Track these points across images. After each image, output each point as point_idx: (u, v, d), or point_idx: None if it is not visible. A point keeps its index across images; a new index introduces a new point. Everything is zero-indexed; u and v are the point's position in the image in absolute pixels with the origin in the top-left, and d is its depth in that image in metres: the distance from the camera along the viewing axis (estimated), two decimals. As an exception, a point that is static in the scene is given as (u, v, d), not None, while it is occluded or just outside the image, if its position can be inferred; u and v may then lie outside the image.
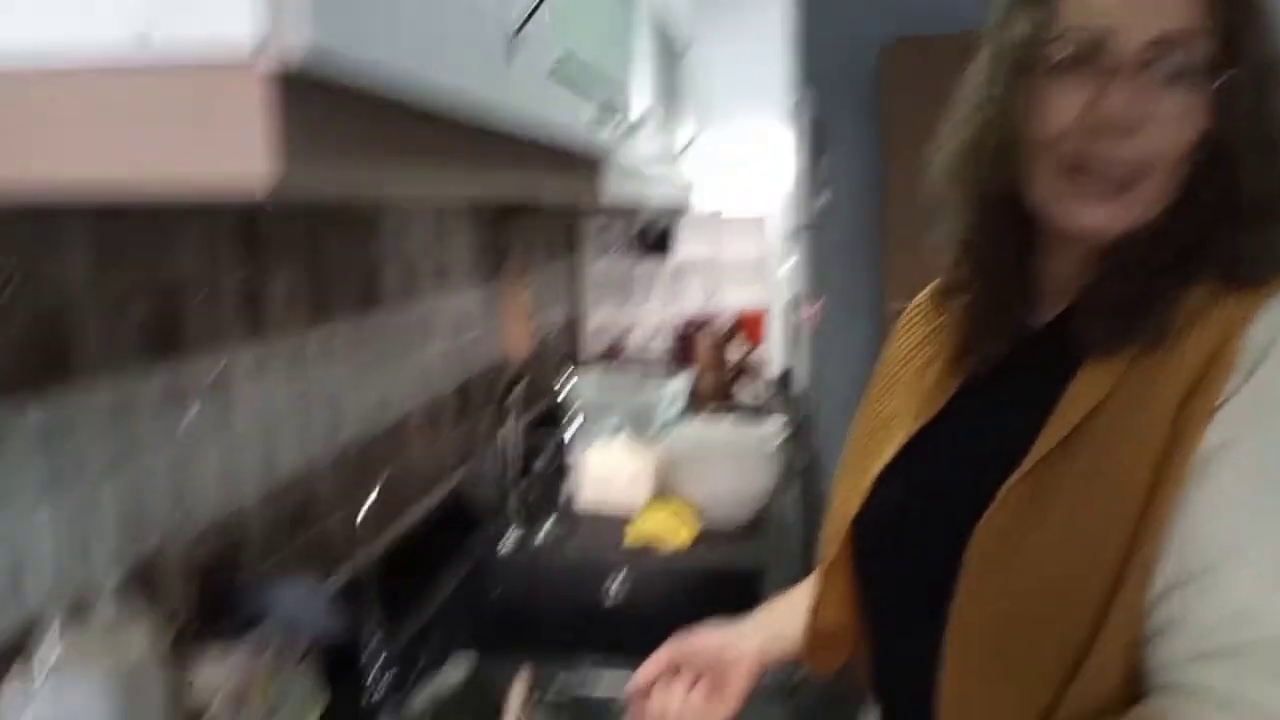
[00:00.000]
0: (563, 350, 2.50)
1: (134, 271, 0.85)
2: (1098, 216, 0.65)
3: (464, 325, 1.72)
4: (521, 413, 1.55)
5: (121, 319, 0.84)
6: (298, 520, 1.14)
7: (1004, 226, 0.72)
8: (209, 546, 0.96)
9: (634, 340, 2.74)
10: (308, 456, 1.16)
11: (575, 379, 1.69)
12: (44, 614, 0.63)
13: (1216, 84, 0.63)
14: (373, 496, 1.11)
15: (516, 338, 2.00)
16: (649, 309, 2.73)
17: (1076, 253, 0.70)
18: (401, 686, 1.06)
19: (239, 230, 1.02)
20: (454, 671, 1.08)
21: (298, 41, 0.43)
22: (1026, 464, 0.66)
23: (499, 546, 1.52)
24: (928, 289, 0.86)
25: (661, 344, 2.60)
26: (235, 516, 1.01)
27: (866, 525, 0.79)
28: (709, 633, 0.89)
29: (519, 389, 1.48)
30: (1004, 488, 0.66)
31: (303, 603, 0.90)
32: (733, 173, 2.61)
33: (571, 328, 2.73)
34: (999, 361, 0.75)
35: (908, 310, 0.88)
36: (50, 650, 0.63)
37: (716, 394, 2.38)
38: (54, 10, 0.43)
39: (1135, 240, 0.66)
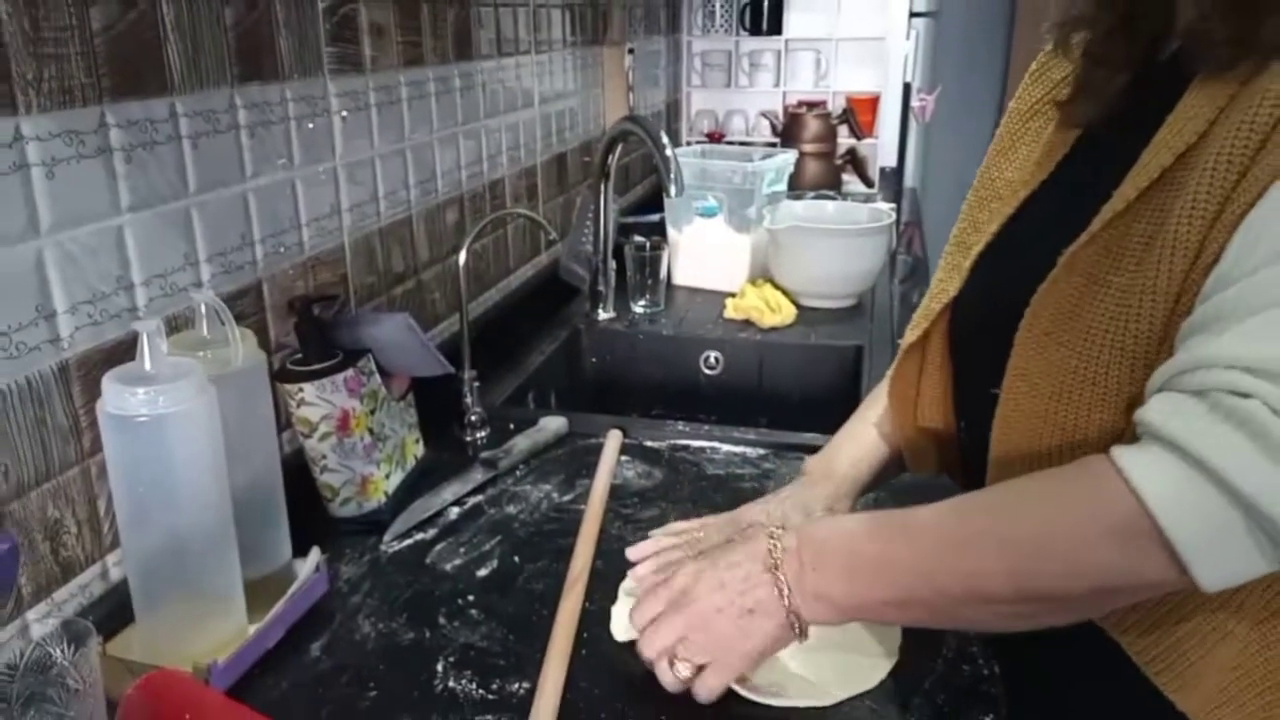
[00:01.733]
0: (666, 125, 2.38)
1: (219, -27, 0.79)
2: None
3: (562, 91, 1.63)
4: (618, 183, 1.48)
5: (215, 36, 0.78)
6: (394, 269, 1.11)
7: None
8: (306, 282, 0.94)
9: (737, 125, 2.60)
10: (402, 204, 1.12)
11: (675, 152, 1.60)
12: (142, 326, 0.61)
13: None
14: (468, 242, 1.07)
15: (616, 106, 1.90)
16: (755, 91, 2.57)
17: None
18: (501, 436, 1.06)
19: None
20: (552, 423, 1.07)
21: None
22: (1094, 226, 0.58)
23: (596, 318, 1.49)
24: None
25: (767, 129, 2.46)
26: (333, 255, 0.99)
27: (964, 307, 0.73)
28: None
29: (615, 154, 1.40)
30: (1063, 256, 0.59)
31: (402, 338, 0.88)
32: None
33: (673, 110, 2.59)
34: (1118, 107, 0.64)
35: (1039, 58, 0.76)
36: (151, 350, 0.61)
37: (824, 180, 2.26)
38: None
39: None
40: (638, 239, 1.53)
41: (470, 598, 0.79)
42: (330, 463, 0.87)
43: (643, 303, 1.52)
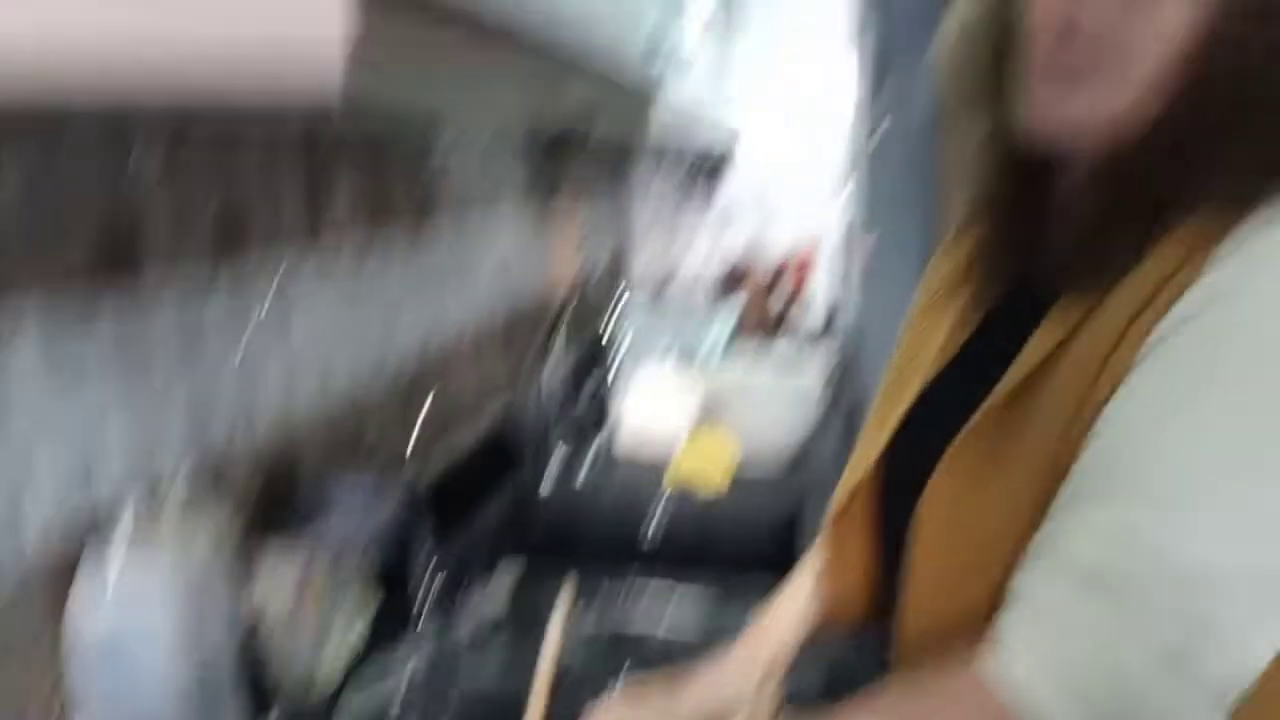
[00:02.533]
0: (611, 283, 2.50)
1: (201, 179, 0.87)
2: (1066, 107, 0.59)
3: (513, 253, 1.73)
4: (567, 339, 1.56)
5: (189, 224, 0.85)
6: (354, 432, 1.17)
7: (1004, 139, 0.66)
8: (270, 449, 0.99)
9: (682, 274, 2.73)
10: (362, 370, 1.18)
11: (621, 308, 1.69)
12: (115, 504, 0.66)
13: None
14: (424, 408, 1.13)
15: (564, 268, 2.01)
16: (698, 242, 2.71)
17: (1079, 173, 0.63)
18: (453, 591, 1.10)
19: (301, 144, 1.03)
20: (500, 584, 1.11)
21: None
22: (971, 422, 0.62)
23: (543, 473, 1.54)
24: None
25: (710, 278, 2.59)
26: (294, 422, 1.04)
27: (881, 483, 0.75)
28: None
29: (565, 315, 1.49)
30: (949, 449, 0.63)
31: (359, 501, 0.93)
32: (789, 105, 2.57)
33: (620, 260, 2.72)
34: (1015, 297, 0.68)
35: (950, 231, 0.80)
36: (123, 537, 0.66)
37: (764, 328, 2.37)
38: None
39: (1122, 155, 0.59)
40: (587, 390, 1.61)
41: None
42: (281, 629, 0.91)
43: (589, 457, 1.58)
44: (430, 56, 0.54)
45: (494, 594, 1.10)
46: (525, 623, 1.07)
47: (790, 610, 0.88)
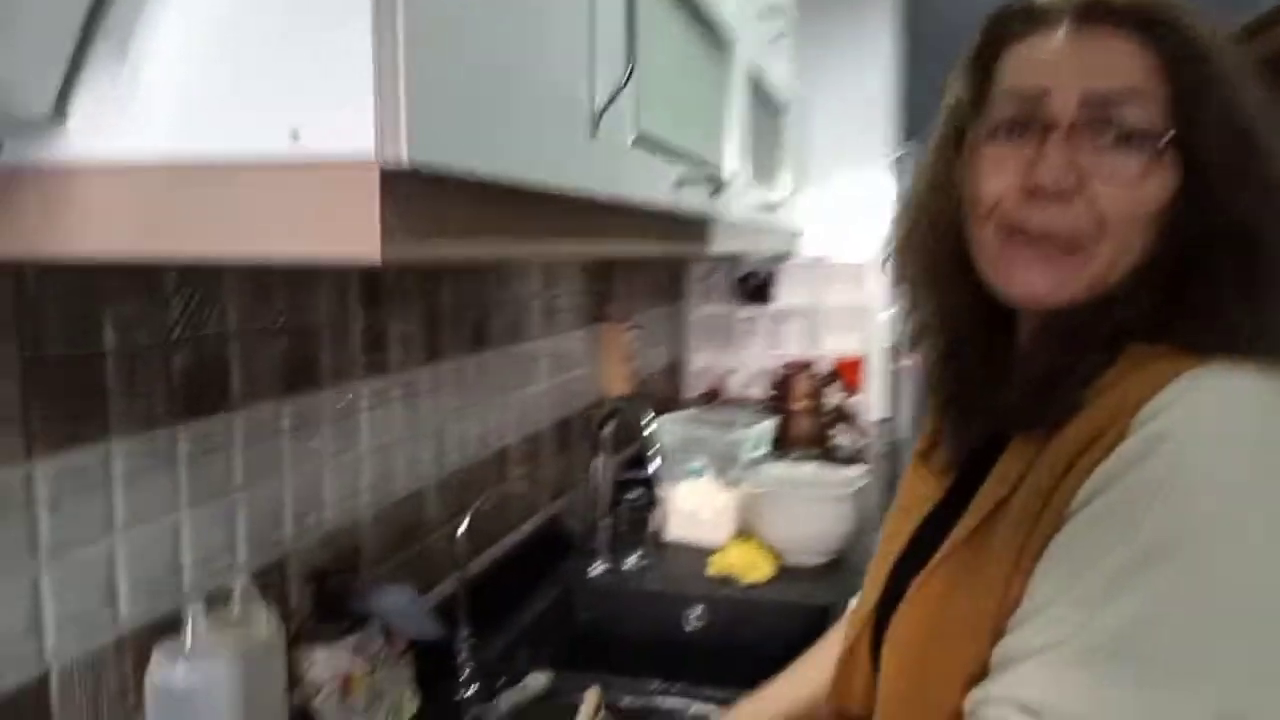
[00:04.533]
0: (664, 391, 2.61)
1: (277, 317, 1.00)
2: (1037, 284, 0.63)
3: (566, 365, 1.85)
4: (613, 448, 1.66)
5: (265, 359, 0.98)
6: (406, 536, 1.27)
7: (962, 305, 0.70)
8: (327, 554, 1.10)
9: (734, 383, 2.82)
10: (417, 479, 1.29)
11: (661, 420, 1.79)
12: (188, 603, 0.76)
13: (1160, 144, 0.60)
14: (468, 517, 1.23)
15: (616, 378, 2.12)
16: (750, 353, 2.81)
17: (1033, 327, 0.68)
18: (489, 693, 1.17)
19: (364, 283, 1.16)
20: (536, 681, 1.18)
21: (404, 148, 0.54)
22: (933, 561, 0.66)
23: (588, 573, 1.62)
24: None
25: (761, 387, 2.67)
26: (352, 529, 1.15)
27: (881, 619, 0.76)
28: None
29: (610, 426, 1.59)
30: (915, 581, 0.67)
31: (403, 606, 1.02)
32: (835, 222, 2.68)
33: (674, 370, 2.83)
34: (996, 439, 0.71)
35: None
36: (194, 630, 0.76)
37: (812, 439, 2.43)
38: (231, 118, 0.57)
39: (1078, 308, 0.63)
40: (631, 495, 1.69)
41: None
42: (332, 720, 0.99)
43: (634, 557, 1.66)
44: (464, 221, 0.65)
45: (531, 688, 1.17)
46: (558, 717, 1.13)
47: (790, 688, 0.93)
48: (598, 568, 1.62)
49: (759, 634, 1.51)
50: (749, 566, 1.56)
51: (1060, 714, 0.54)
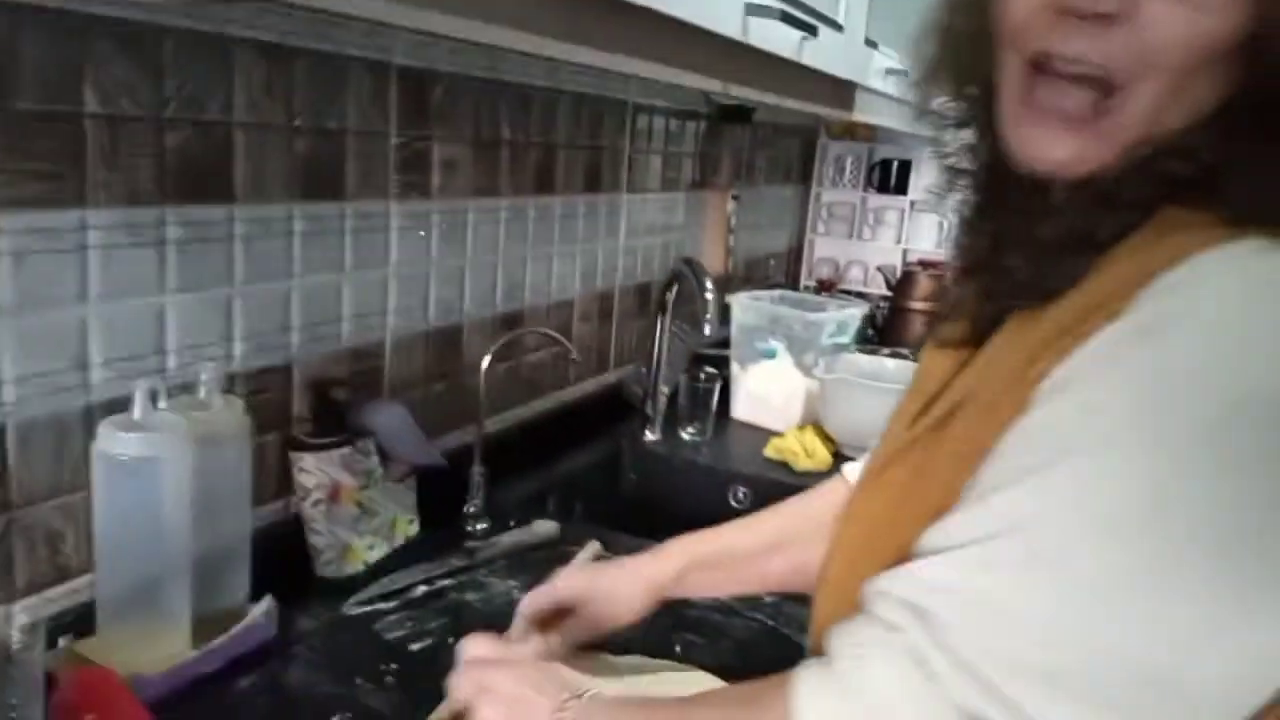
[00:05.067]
0: (772, 275, 2.48)
1: (295, 115, 0.97)
2: (1056, 151, 0.52)
3: (654, 227, 1.77)
4: (677, 318, 1.58)
5: (276, 157, 0.96)
6: (439, 367, 1.25)
7: (994, 155, 0.58)
8: (341, 368, 1.09)
9: (854, 275, 2.66)
10: (452, 313, 1.26)
11: (738, 297, 1.69)
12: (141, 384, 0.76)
13: None
14: (490, 355, 1.19)
15: (712, 249, 2.02)
16: (877, 245, 2.63)
17: (1067, 184, 0.55)
18: (495, 531, 1.16)
19: (407, 92, 1.11)
20: (543, 527, 1.16)
21: None
22: (895, 447, 0.60)
23: (642, 438, 1.57)
24: None
25: (882, 281, 2.51)
26: (374, 349, 1.13)
27: None
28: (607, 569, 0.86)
29: (674, 292, 1.51)
30: (864, 472, 0.62)
31: (394, 426, 1.01)
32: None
33: (795, 254, 2.69)
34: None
35: None
36: (142, 405, 0.76)
37: (923, 341, 2.27)
38: None
39: (1114, 171, 0.52)
40: (706, 370, 1.62)
41: (394, 665, 0.87)
42: (318, 526, 1.00)
43: (690, 430, 1.60)
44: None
45: (535, 532, 1.14)
46: (552, 567, 1.10)
47: (727, 542, 0.87)
48: (652, 435, 1.58)
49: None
50: (805, 453, 1.47)
51: (942, 620, 0.48)
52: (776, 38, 1.12)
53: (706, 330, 1.34)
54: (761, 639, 0.99)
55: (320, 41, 0.97)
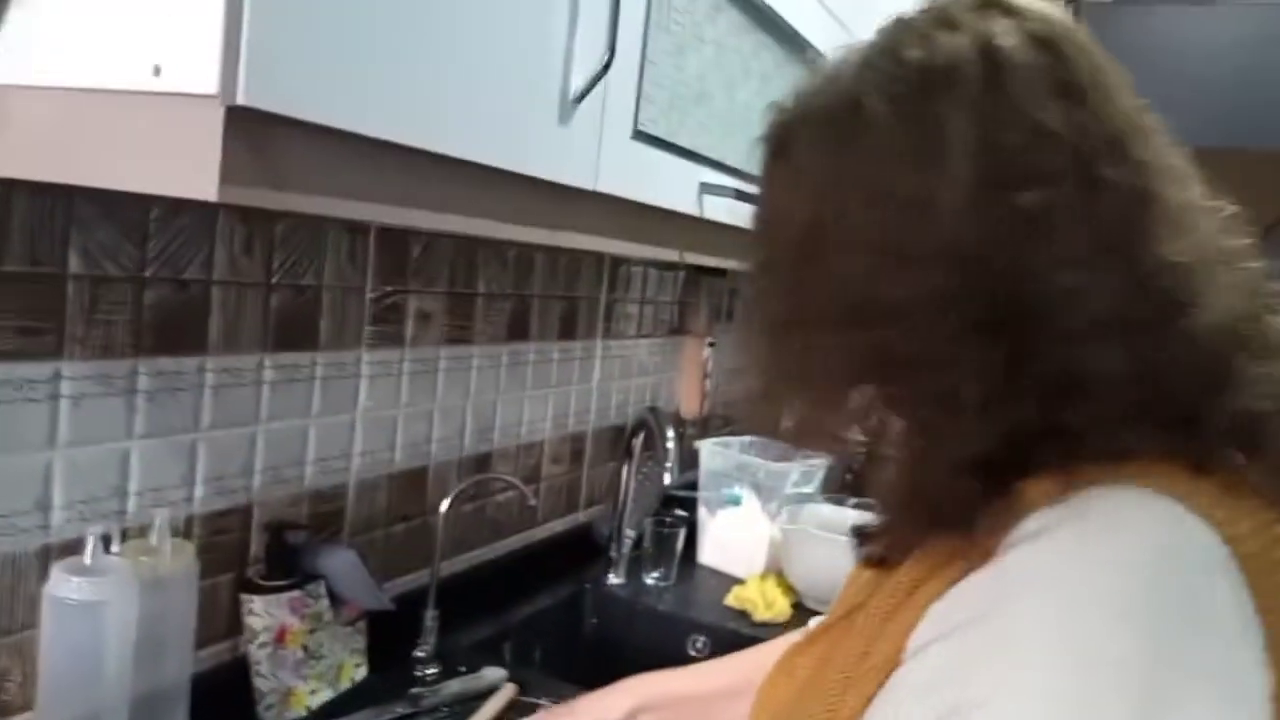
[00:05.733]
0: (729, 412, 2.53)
1: (273, 272, 1.04)
2: None
3: (632, 371, 1.83)
4: (644, 462, 1.62)
5: (252, 311, 1.02)
6: (402, 510, 1.28)
7: None
8: (299, 511, 1.12)
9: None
10: (424, 455, 1.30)
11: (704, 443, 1.74)
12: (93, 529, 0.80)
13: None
14: (451, 496, 1.22)
15: (689, 394, 2.07)
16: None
17: None
18: (444, 678, 1.16)
19: (385, 249, 1.18)
20: (493, 674, 1.16)
21: (241, 88, 0.55)
22: (800, 641, 0.64)
23: (604, 582, 1.59)
24: None
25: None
26: (338, 490, 1.17)
27: None
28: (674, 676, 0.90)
29: (640, 437, 1.55)
30: (782, 659, 0.64)
31: (344, 570, 1.03)
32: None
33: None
34: None
35: None
36: (93, 549, 0.79)
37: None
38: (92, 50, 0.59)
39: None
40: (672, 515, 1.65)
41: (324, 818, 0.88)
42: (263, 669, 1.01)
43: (654, 575, 1.61)
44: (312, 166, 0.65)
45: (481, 679, 1.15)
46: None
47: (680, 685, 0.88)
48: (616, 579, 1.59)
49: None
50: (764, 604, 1.48)
51: None
52: (736, 209, 1.20)
53: (666, 479, 1.38)
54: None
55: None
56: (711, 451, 1.74)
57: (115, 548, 0.83)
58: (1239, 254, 0.52)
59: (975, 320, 0.49)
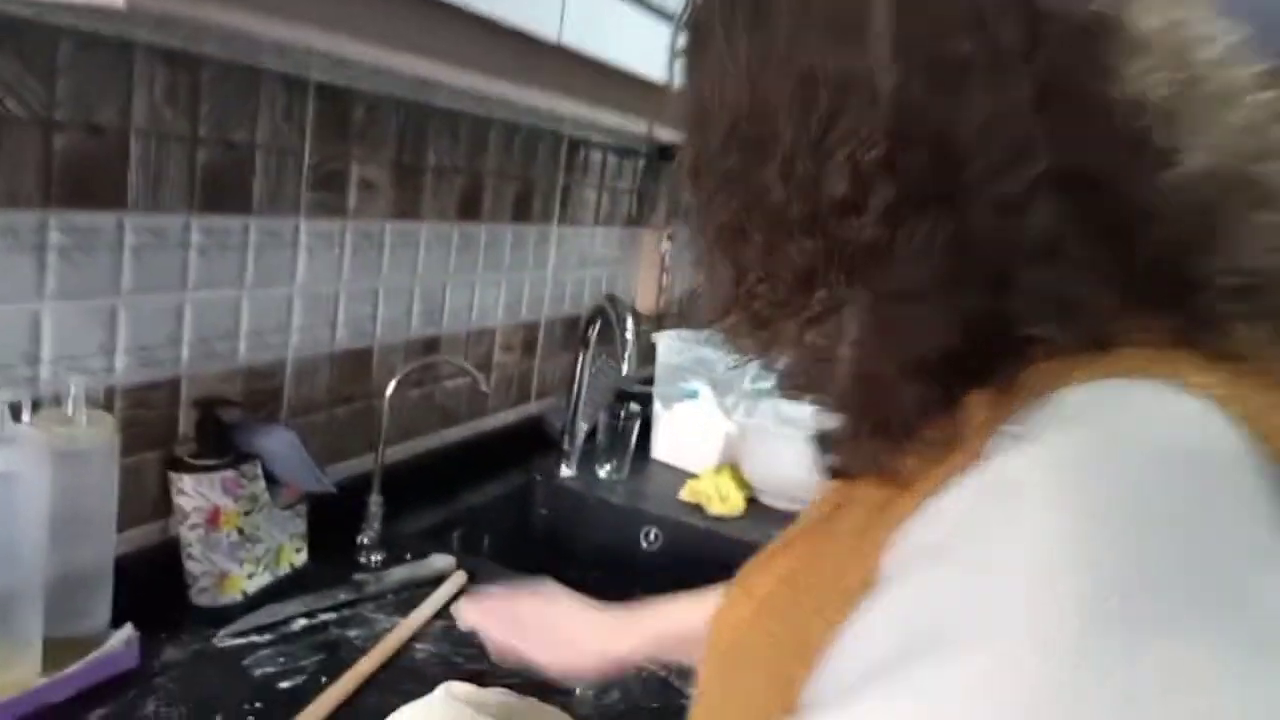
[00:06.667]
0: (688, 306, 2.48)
1: (198, 125, 0.94)
2: None
3: (586, 261, 1.76)
4: (600, 354, 1.57)
5: (177, 166, 0.93)
6: (344, 390, 1.22)
7: None
8: (233, 388, 1.05)
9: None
10: (364, 336, 1.23)
11: (662, 335, 1.69)
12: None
13: None
14: (395, 381, 1.16)
15: (647, 285, 2.02)
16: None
17: None
18: (387, 564, 1.12)
19: (325, 110, 1.09)
20: (439, 562, 1.12)
21: None
22: (769, 547, 0.59)
23: (556, 474, 1.55)
24: None
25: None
26: (272, 369, 1.10)
27: None
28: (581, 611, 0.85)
29: (595, 328, 1.50)
30: (740, 573, 0.59)
31: (281, 450, 0.97)
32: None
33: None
34: None
35: None
36: (8, 414, 0.72)
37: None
38: None
39: None
40: (627, 408, 1.60)
41: (258, 705, 0.83)
42: (194, 552, 0.95)
43: (607, 468, 1.58)
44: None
45: (427, 567, 1.11)
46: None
47: (692, 621, 0.85)
48: (568, 470, 1.55)
49: (713, 566, 1.41)
50: (719, 497, 1.46)
51: None
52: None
53: (625, 369, 1.33)
54: (653, 689, 0.97)
55: (230, 51, 0.95)
56: (670, 345, 1.69)
57: (26, 417, 0.76)
58: (1243, 87, 0.44)
59: (911, 199, 0.42)
